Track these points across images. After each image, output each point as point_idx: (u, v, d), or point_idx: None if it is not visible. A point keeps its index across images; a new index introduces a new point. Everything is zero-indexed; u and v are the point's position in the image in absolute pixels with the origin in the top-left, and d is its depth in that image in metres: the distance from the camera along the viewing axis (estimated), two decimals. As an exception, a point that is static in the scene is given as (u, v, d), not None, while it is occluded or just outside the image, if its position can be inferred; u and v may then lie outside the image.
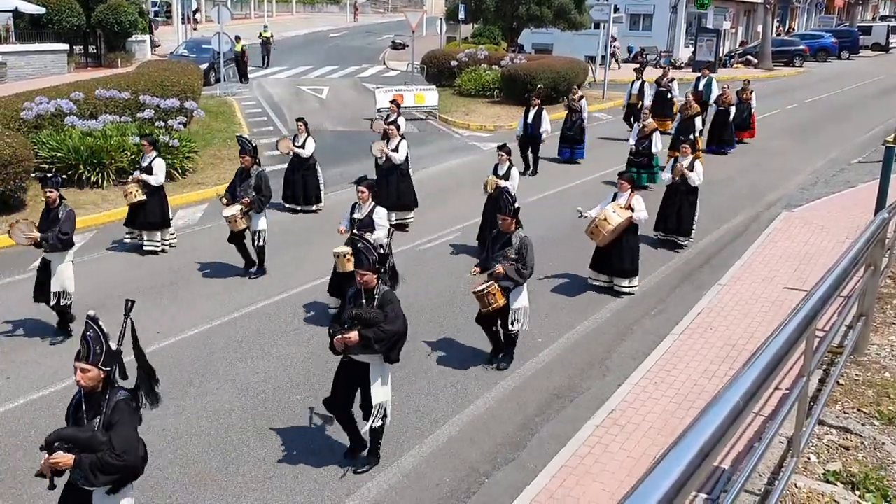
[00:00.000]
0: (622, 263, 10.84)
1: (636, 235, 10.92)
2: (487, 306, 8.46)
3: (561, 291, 11.17)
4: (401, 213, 13.45)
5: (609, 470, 6.75)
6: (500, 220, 8.53)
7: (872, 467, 5.34)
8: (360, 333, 6.42)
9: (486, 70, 27.92)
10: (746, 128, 21.69)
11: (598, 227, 10.42)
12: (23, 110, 15.49)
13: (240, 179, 11.28)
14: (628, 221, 10.49)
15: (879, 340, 7.75)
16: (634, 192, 10.66)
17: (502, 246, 8.51)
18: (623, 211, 10.46)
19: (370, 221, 9.29)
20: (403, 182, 13.55)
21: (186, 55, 29.31)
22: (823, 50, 47.07)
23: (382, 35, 50.78)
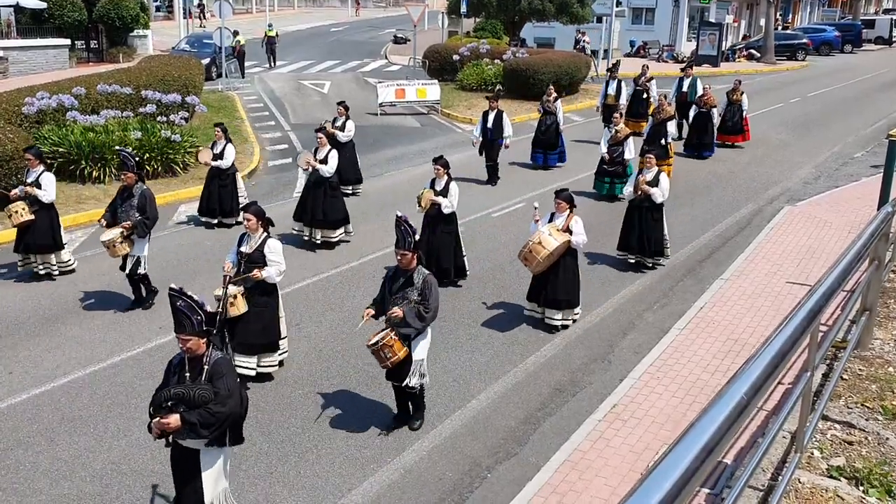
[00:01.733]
0: (555, 293, 9.51)
1: (575, 261, 9.66)
2: (385, 361, 7.07)
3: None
4: (326, 230, 12.22)
5: (611, 464, 6.74)
6: (399, 255, 7.15)
7: (876, 462, 5.33)
8: (183, 417, 5.20)
9: (488, 64, 27.86)
10: (738, 131, 20.30)
11: (531, 252, 9.10)
12: (24, 105, 15.47)
13: (121, 199, 9.88)
14: (566, 246, 9.26)
15: (883, 335, 7.73)
16: (573, 212, 9.47)
17: (402, 286, 7.18)
18: (560, 234, 9.20)
19: (260, 256, 8.02)
20: (333, 197, 12.22)
21: (188, 50, 29.27)
22: (826, 43, 46.93)
23: (384, 29, 50.67)
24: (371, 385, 8.39)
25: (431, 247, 10.55)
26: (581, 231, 9.31)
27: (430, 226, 10.72)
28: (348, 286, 11.01)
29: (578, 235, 9.30)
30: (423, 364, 7.27)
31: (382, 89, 23.98)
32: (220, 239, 12.79)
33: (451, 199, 10.59)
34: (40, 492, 6.58)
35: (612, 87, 20.22)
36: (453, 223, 10.82)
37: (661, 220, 11.58)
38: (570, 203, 9.44)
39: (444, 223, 10.72)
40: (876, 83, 33.31)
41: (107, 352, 9.00)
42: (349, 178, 14.78)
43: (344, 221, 12.47)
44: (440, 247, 10.69)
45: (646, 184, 11.16)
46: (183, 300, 5.33)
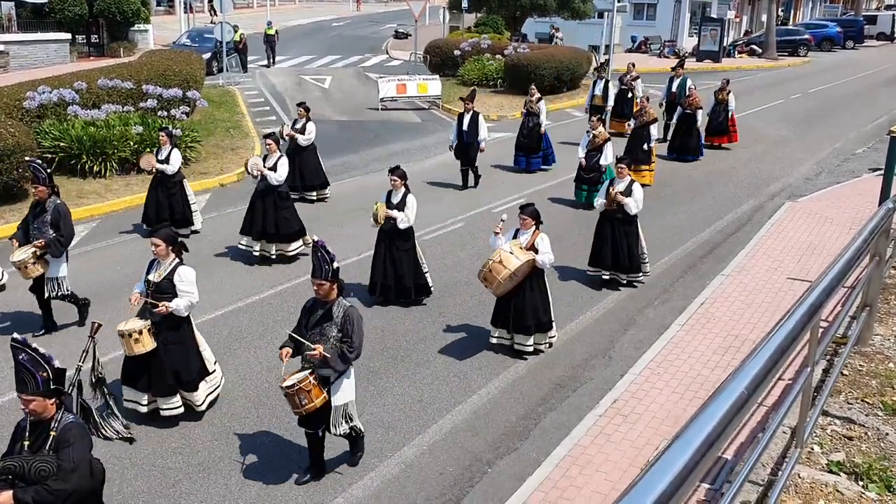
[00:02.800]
0: (523, 317, 8.68)
1: (543, 279, 8.83)
2: (299, 407, 6.25)
3: (561, 283, 11.15)
4: (281, 244, 11.37)
5: (612, 459, 6.75)
6: (316, 285, 6.29)
7: (876, 457, 5.34)
8: (15, 495, 4.44)
9: (490, 59, 27.83)
10: (724, 132, 19.45)
11: (491, 272, 8.26)
12: (25, 100, 15.47)
13: (33, 215, 8.99)
14: (530, 265, 8.46)
15: (884, 331, 7.73)
16: (540, 229, 8.71)
17: (320, 319, 6.36)
18: (523, 252, 8.38)
19: (169, 286, 7.17)
20: (283, 208, 11.31)
21: (189, 45, 29.24)
22: (828, 39, 46.87)
23: (385, 24, 50.61)
24: (371, 380, 8.41)
25: (389, 265, 9.98)
26: (547, 249, 8.54)
27: (387, 242, 9.97)
28: (348, 281, 10.97)
29: (544, 254, 8.51)
30: (348, 408, 6.52)
31: (383, 84, 23.95)
32: (221, 228, 12.79)
33: (408, 213, 9.77)
34: (42, 485, 6.60)
35: (600, 88, 19.47)
36: (411, 239, 10.05)
37: (635, 233, 10.72)
38: (535, 219, 8.67)
39: (402, 239, 9.93)
40: (877, 79, 33.26)
41: (107, 346, 8.98)
42: (313, 183, 14.38)
43: (299, 234, 11.52)
44: (399, 265, 9.98)
45: (619, 194, 10.42)
46: (26, 353, 4.61)
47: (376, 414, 7.78)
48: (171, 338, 7.32)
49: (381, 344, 9.21)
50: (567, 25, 37.95)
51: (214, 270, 11.29)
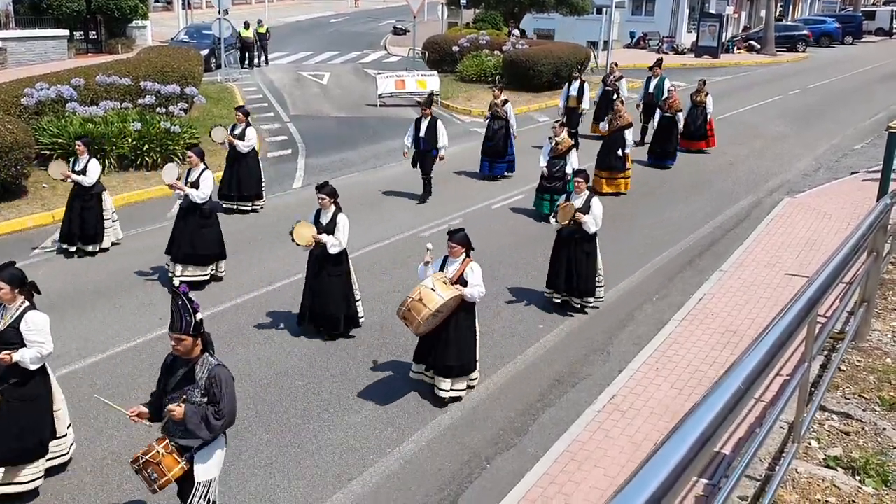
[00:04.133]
0: (445, 357, 7.71)
1: (471, 316, 7.87)
2: (151, 484, 5.22)
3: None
4: (196, 267, 10.36)
5: (610, 455, 6.77)
6: (174, 339, 5.18)
7: (873, 452, 5.36)
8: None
9: (488, 56, 27.81)
10: (702, 136, 18.46)
11: (410, 311, 7.35)
12: (23, 96, 15.45)
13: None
14: (457, 301, 7.51)
15: (881, 326, 7.75)
16: (471, 257, 7.74)
17: (181, 381, 5.28)
18: (448, 287, 7.42)
19: (15, 335, 6.04)
20: (205, 227, 10.33)
21: (187, 41, 29.19)
22: (827, 35, 46.82)
23: (384, 20, 50.53)
24: (371, 375, 8.42)
25: (317, 293, 8.99)
26: (478, 281, 7.61)
27: (315, 268, 8.98)
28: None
29: (474, 287, 7.58)
30: (211, 487, 5.38)
31: (382, 80, 23.94)
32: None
33: (339, 236, 8.75)
34: (41, 482, 6.61)
35: (574, 89, 18.15)
36: (343, 263, 9.02)
37: (593, 254, 9.81)
38: (465, 246, 7.70)
39: (332, 264, 8.89)
40: (876, 75, 33.26)
41: (107, 343, 9.02)
42: (249, 193, 13.55)
43: (217, 257, 10.59)
44: (327, 292, 8.96)
45: (576, 211, 9.53)
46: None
47: (375, 410, 7.80)
48: (18, 395, 6.11)
49: (380, 339, 9.23)
50: (565, 22, 37.91)
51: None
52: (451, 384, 7.85)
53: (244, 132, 13.24)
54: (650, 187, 15.78)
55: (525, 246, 12.30)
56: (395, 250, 12.12)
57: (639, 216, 13.98)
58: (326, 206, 8.83)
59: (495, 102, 15.79)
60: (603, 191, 14.48)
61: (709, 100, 18.14)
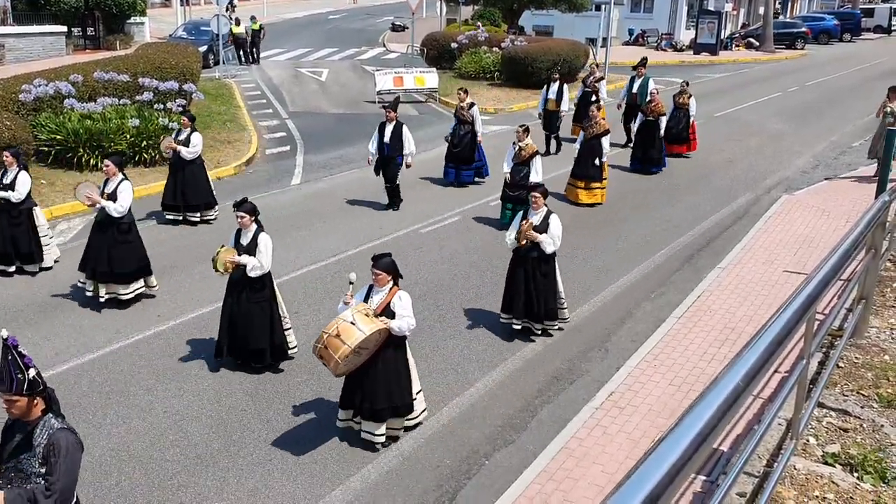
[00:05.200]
0: (374, 400, 6.88)
1: (401, 352, 7.06)
2: None
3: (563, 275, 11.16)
4: (114, 285, 9.56)
5: (608, 452, 6.78)
6: (6, 401, 4.44)
7: (871, 449, 5.36)
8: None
9: (487, 52, 27.79)
10: (684, 140, 17.71)
11: (327, 349, 6.53)
12: (21, 93, 15.42)
13: None
14: (383, 335, 6.74)
15: (879, 323, 7.76)
16: (398, 286, 7.02)
17: (18, 448, 4.46)
18: (370, 321, 6.60)
19: None
20: (123, 243, 9.53)
21: (185, 37, 29.15)
22: (825, 32, 46.86)
23: (382, 17, 50.48)
24: (369, 373, 8.42)
25: (237, 321, 8.15)
26: (407, 312, 6.85)
27: (235, 294, 8.17)
28: (346, 273, 10.99)
29: (402, 318, 6.81)
30: None
31: (380, 77, 23.93)
32: (217, 221, 12.77)
33: (260, 258, 8.02)
34: (40, 478, 6.61)
35: (553, 91, 17.48)
36: (266, 288, 8.24)
37: (552, 275, 9.05)
38: (391, 273, 6.95)
39: (253, 289, 8.13)
40: (874, 72, 33.26)
41: (105, 340, 9.01)
42: (197, 202, 12.69)
43: (140, 273, 9.76)
44: (248, 321, 8.12)
45: (532, 229, 8.75)
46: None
47: (374, 407, 7.80)
48: None
49: (378, 337, 9.22)
50: (564, 18, 37.89)
51: (210, 264, 11.26)
52: (385, 429, 7.02)
53: (189, 138, 12.42)
54: (649, 185, 15.78)
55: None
56: (393, 248, 12.10)
57: (637, 214, 13.98)
58: (246, 225, 8.08)
59: (461, 106, 14.93)
60: (581, 201, 13.99)
61: (692, 102, 17.50)
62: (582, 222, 13.39)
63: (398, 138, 13.23)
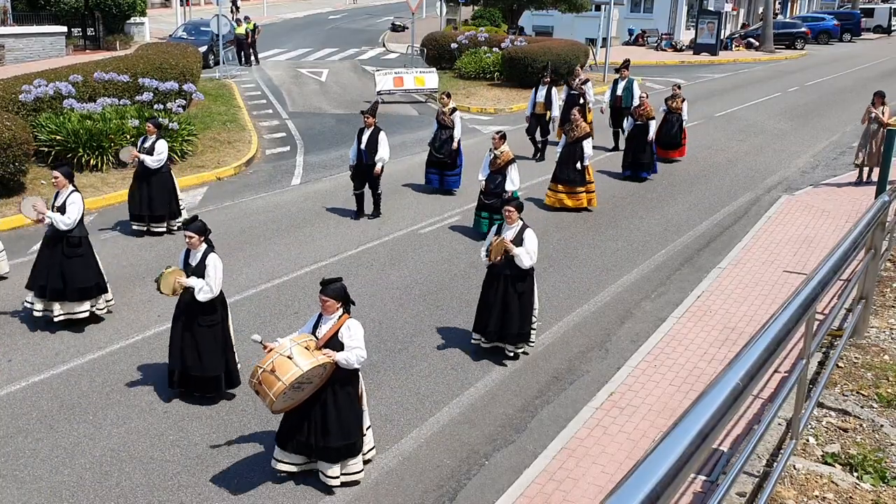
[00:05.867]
0: (326, 439, 6.35)
1: (352, 386, 6.45)
2: None
3: (563, 274, 11.18)
4: (67, 304, 9.00)
5: (608, 452, 6.79)
6: None
7: (870, 449, 5.37)
8: None
9: (486, 52, 27.80)
10: (675, 145, 17.19)
11: (262, 385, 6.00)
12: (21, 93, 15.42)
13: None
14: (328, 369, 6.21)
15: (879, 323, 7.76)
16: (348, 314, 6.41)
17: None
18: (310, 354, 6.07)
19: None
20: (73, 256, 8.98)
21: (185, 37, 29.16)
22: (825, 32, 46.88)
23: (382, 17, 50.48)
24: (368, 373, 8.42)
25: (187, 348, 7.59)
26: (356, 343, 6.27)
27: (184, 318, 7.64)
28: (347, 274, 10.97)
29: (351, 351, 6.23)
30: None
31: (380, 77, 23.92)
32: (218, 221, 12.77)
33: (209, 281, 7.41)
34: (40, 479, 6.62)
35: (542, 94, 16.91)
36: (217, 310, 7.68)
37: (528, 293, 8.51)
38: (341, 300, 6.37)
39: (203, 312, 7.56)
40: (874, 72, 33.26)
41: (105, 340, 9.02)
42: (162, 212, 12.09)
43: (95, 290, 9.18)
44: (199, 347, 7.57)
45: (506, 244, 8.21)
46: None
47: (374, 407, 7.79)
48: None
49: (378, 337, 9.23)
50: (563, 19, 37.91)
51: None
52: (339, 469, 6.49)
53: (154, 146, 11.77)
54: (648, 185, 15.78)
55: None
56: (393, 248, 12.11)
57: (637, 213, 13.98)
58: (195, 245, 7.52)
59: (442, 111, 14.40)
60: (566, 205, 13.63)
61: (685, 106, 17.00)
62: (582, 222, 13.40)
63: (375, 144, 12.70)
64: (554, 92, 17.05)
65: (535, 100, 17.12)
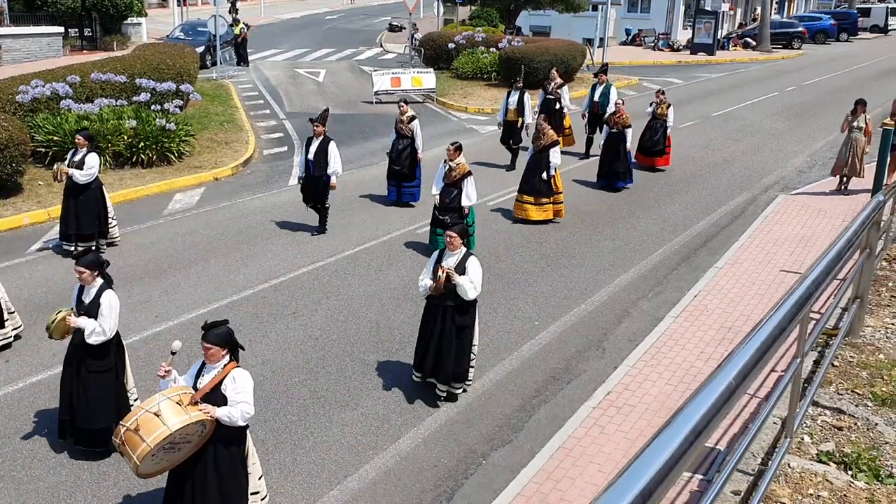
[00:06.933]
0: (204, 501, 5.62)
1: (239, 446, 5.71)
2: None
3: (561, 274, 11.20)
4: None
5: (605, 451, 6.81)
6: None
7: (865, 447, 5.40)
8: None
9: (484, 53, 27.83)
10: (660, 152, 16.55)
11: (124, 444, 5.26)
12: (18, 94, 15.42)
13: None
14: (209, 426, 5.46)
15: (874, 322, 7.79)
16: (235, 360, 5.68)
17: None
18: (184, 410, 5.34)
19: None
20: None
21: (182, 38, 29.14)
22: (822, 32, 46.99)
23: (379, 17, 50.47)
24: (367, 373, 8.44)
25: (76, 395, 6.82)
26: (243, 396, 5.49)
27: (74, 363, 6.83)
28: (344, 274, 11.04)
29: (235, 406, 5.45)
30: None
31: (378, 77, 23.94)
32: (215, 222, 12.80)
33: (102, 322, 6.59)
34: (38, 479, 6.63)
35: (514, 100, 16.16)
36: (110, 354, 6.86)
37: (469, 328, 7.73)
38: (224, 345, 5.60)
39: (94, 357, 6.77)
40: (871, 72, 33.33)
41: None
42: (90, 231, 11.18)
43: None
44: (89, 395, 6.79)
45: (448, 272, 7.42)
46: None
47: (371, 406, 7.82)
48: None
49: (375, 337, 9.25)
50: (561, 19, 37.95)
51: (208, 265, 11.31)
52: None
53: (84, 159, 10.96)
54: (645, 184, 15.80)
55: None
56: (390, 248, 12.13)
57: (634, 213, 14.01)
58: (87, 280, 6.70)
59: (400, 119, 13.65)
60: (531, 218, 13.05)
61: (670, 112, 16.37)
62: (579, 222, 13.42)
63: (324, 155, 11.90)
64: (527, 97, 16.31)
65: (506, 106, 16.37)
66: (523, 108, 16.19)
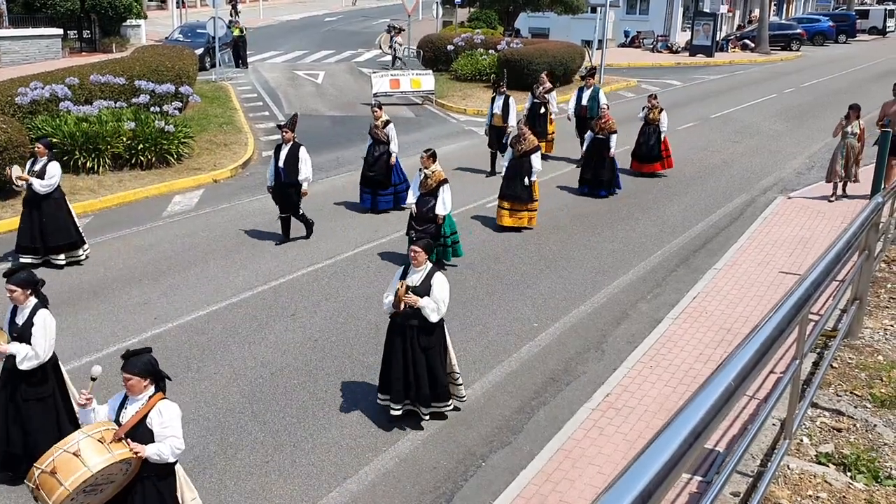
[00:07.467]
0: None
1: (168, 483, 5.32)
2: None
3: (560, 276, 11.20)
4: None
5: (605, 452, 6.81)
6: None
7: (864, 449, 5.40)
8: None
9: (483, 54, 27.85)
10: (656, 157, 16.27)
11: (39, 490, 4.83)
12: (17, 96, 15.42)
13: None
14: (135, 464, 5.08)
15: (873, 324, 7.79)
16: (162, 390, 5.28)
17: None
18: (106, 449, 4.92)
19: None
20: None
21: (181, 40, 29.14)
22: (821, 34, 47.02)
23: (378, 19, 50.48)
24: (366, 374, 8.44)
25: (12, 424, 6.41)
26: (171, 431, 5.12)
27: (9, 388, 6.39)
28: (343, 276, 11.04)
29: (163, 441, 5.10)
30: None
31: (377, 79, 23.95)
32: (215, 223, 12.80)
33: (35, 345, 6.17)
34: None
35: (498, 106, 15.75)
36: (48, 380, 6.46)
37: (436, 348, 7.26)
38: (146, 376, 5.16)
39: (29, 383, 6.36)
40: (869, 74, 33.37)
41: (102, 342, 9.02)
42: (58, 242, 10.83)
43: None
44: (27, 422, 6.41)
45: (411, 291, 7.01)
46: None
47: (371, 408, 7.82)
48: None
49: (375, 339, 9.24)
50: (560, 20, 37.97)
51: (207, 267, 11.31)
52: None
53: (45, 168, 10.59)
54: (643, 186, 15.82)
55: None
56: (389, 250, 12.13)
57: (633, 214, 14.02)
58: (20, 300, 6.27)
59: (374, 124, 13.31)
60: (504, 224, 12.78)
61: (663, 117, 16.06)
62: (578, 223, 13.43)
63: (294, 161, 11.53)
64: (511, 102, 15.85)
65: (492, 111, 15.96)
66: (508, 113, 15.77)
